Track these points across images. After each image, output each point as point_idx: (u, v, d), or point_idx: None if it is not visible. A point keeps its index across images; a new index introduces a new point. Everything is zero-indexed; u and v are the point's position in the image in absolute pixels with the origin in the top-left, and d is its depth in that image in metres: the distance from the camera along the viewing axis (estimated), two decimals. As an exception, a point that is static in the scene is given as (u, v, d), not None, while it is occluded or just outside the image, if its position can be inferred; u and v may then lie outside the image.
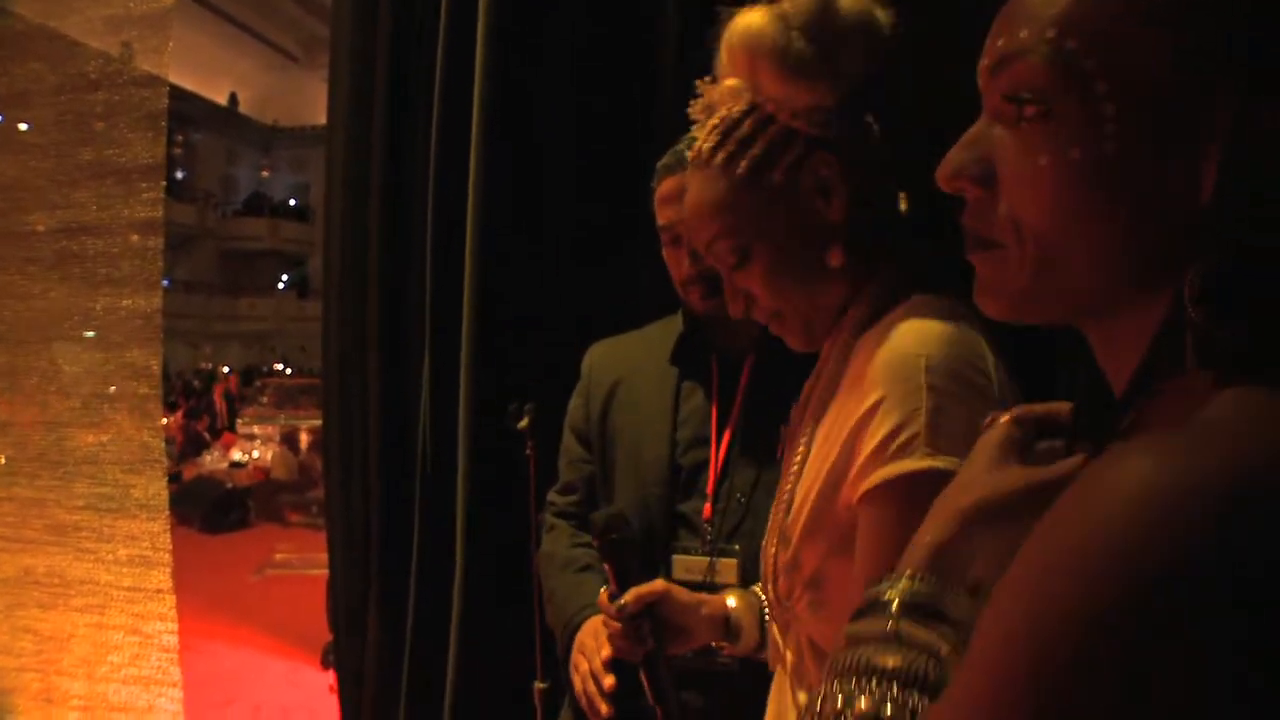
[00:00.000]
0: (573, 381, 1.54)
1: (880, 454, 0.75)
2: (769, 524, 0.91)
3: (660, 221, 1.33)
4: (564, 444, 1.52)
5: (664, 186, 1.31)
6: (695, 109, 0.91)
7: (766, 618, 1.08)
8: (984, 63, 0.53)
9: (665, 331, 1.45)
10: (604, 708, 1.20)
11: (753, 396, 1.34)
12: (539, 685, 1.58)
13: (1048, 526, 0.40)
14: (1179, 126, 0.45)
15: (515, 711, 1.68)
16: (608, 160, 1.84)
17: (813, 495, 0.82)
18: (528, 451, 1.55)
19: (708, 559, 1.30)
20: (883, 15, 0.83)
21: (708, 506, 1.32)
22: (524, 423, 1.55)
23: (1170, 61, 0.44)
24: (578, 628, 1.31)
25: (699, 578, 1.27)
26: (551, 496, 1.53)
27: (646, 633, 1.08)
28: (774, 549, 0.88)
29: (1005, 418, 0.59)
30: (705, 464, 1.34)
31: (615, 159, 1.82)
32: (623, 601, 1.08)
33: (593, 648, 1.24)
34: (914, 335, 0.77)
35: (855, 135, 0.84)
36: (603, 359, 1.51)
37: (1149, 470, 0.37)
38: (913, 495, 0.71)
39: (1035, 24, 0.48)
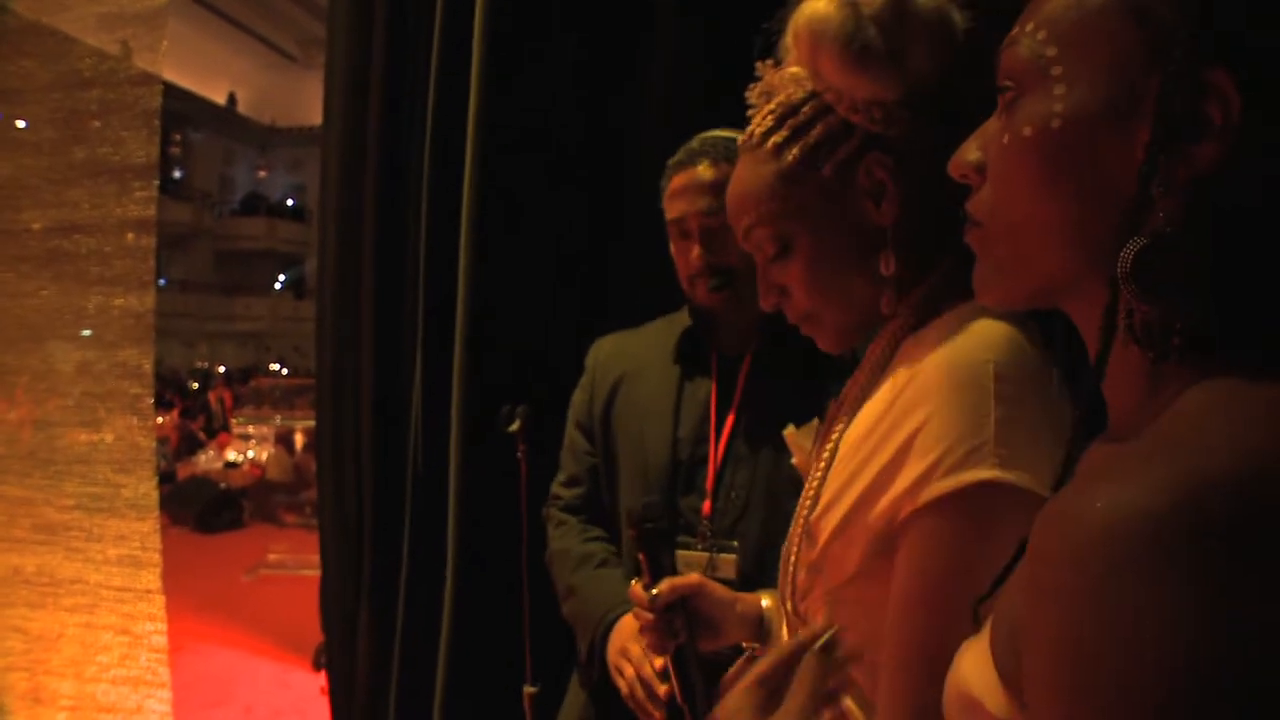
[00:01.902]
0: (567, 383, 1.54)
1: (942, 462, 0.69)
2: (794, 518, 0.87)
3: (670, 216, 1.34)
4: (568, 437, 1.53)
5: (674, 181, 1.33)
6: (753, 93, 0.87)
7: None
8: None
9: (670, 328, 1.46)
10: (657, 715, 1.20)
11: (751, 393, 1.34)
12: (529, 690, 1.57)
13: (1034, 582, 0.42)
14: (1119, 110, 0.48)
15: (506, 716, 1.67)
16: (603, 161, 1.83)
17: (846, 497, 0.78)
18: (519, 454, 1.54)
19: (707, 555, 1.30)
20: (959, 16, 0.80)
21: (707, 503, 1.33)
22: (515, 425, 1.54)
23: (1115, 49, 0.49)
24: (611, 626, 1.32)
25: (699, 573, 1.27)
26: (556, 490, 1.52)
27: (679, 627, 1.05)
28: (797, 544, 0.85)
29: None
30: (705, 460, 1.35)
31: (610, 160, 1.82)
32: (656, 592, 1.05)
33: (639, 654, 1.24)
34: (978, 338, 0.72)
35: (913, 137, 0.80)
36: (608, 354, 1.52)
37: (1111, 504, 0.39)
38: (976, 508, 0.68)
39: (1025, 20, 0.54)
